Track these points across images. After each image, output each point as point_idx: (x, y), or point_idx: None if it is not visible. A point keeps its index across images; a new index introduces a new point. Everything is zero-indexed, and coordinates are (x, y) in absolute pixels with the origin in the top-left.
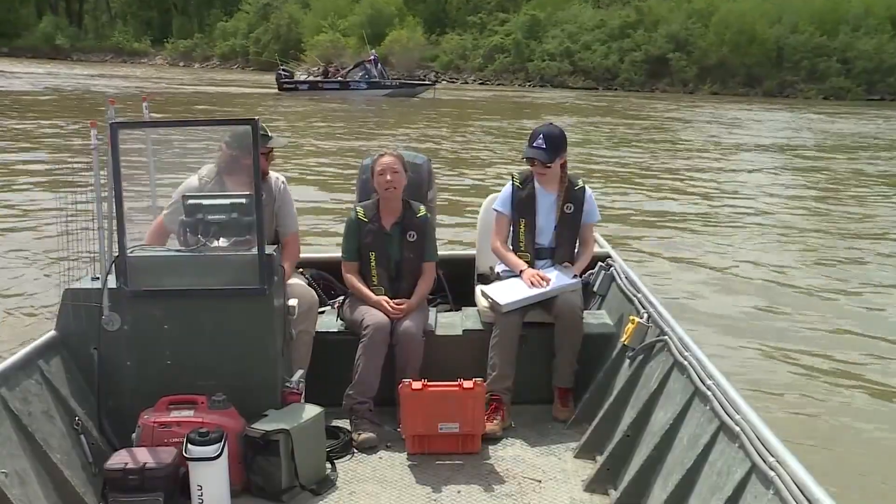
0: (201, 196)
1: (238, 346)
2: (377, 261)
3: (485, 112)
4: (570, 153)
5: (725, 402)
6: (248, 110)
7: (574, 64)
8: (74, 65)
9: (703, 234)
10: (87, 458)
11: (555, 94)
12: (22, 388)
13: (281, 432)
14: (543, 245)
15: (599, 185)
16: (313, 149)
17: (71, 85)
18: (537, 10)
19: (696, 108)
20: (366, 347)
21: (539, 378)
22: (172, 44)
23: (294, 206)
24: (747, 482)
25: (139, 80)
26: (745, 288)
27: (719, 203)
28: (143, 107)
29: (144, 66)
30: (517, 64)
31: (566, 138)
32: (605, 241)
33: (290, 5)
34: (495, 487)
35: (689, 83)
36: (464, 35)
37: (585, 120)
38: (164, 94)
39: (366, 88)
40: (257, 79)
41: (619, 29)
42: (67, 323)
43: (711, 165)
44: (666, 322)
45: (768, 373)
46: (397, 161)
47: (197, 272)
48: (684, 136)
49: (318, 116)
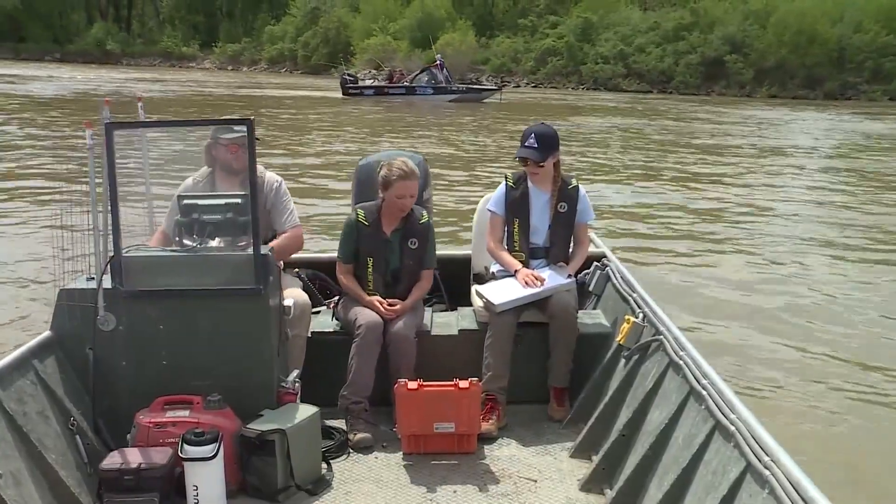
0: (196, 196)
1: (234, 347)
2: (374, 266)
3: (557, 115)
4: (620, 155)
5: (720, 401)
6: (321, 115)
7: (628, 67)
8: (125, 69)
9: (729, 241)
10: (83, 458)
11: (613, 96)
12: (17, 389)
13: (277, 432)
14: (538, 245)
15: (637, 187)
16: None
17: (127, 89)
18: (589, 13)
19: (752, 111)
20: (359, 347)
21: (534, 378)
22: (220, 48)
23: (291, 204)
24: (742, 481)
25: (196, 84)
26: (752, 290)
27: (751, 209)
28: (138, 107)
29: (193, 70)
30: (570, 67)
31: (558, 137)
32: (601, 241)
33: (338, 9)
34: (491, 487)
35: (746, 85)
36: (514, 38)
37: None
38: (225, 98)
39: (432, 93)
40: (311, 82)
41: (673, 31)
42: (62, 323)
43: (754, 170)
44: (661, 322)
45: (764, 372)
46: (416, 185)
47: (192, 272)
48: (732, 140)
49: (387, 120)
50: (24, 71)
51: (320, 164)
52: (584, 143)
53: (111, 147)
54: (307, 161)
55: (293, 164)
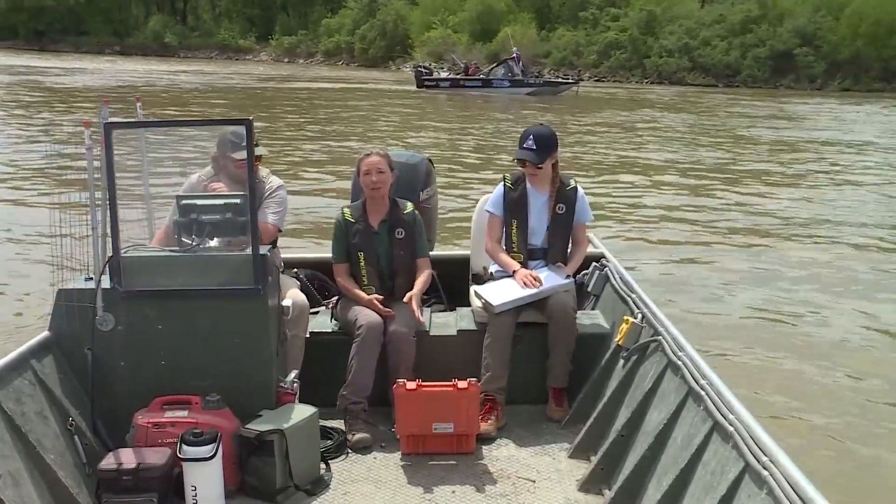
0: (195, 196)
1: (232, 347)
2: (366, 259)
3: (635, 108)
4: (672, 154)
5: (719, 401)
6: (404, 107)
7: (693, 60)
8: (182, 62)
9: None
10: (81, 458)
11: (681, 90)
12: (15, 389)
13: (275, 432)
14: (536, 245)
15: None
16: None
17: (195, 82)
18: (652, 5)
19: (822, 105)
20: (359, 347)
21: (533, 378)
22: (276, 40)
23: (282, 207)
24: (741, 482)
25: (257, 79)
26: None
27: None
28: (136, 107)
29: (250, 63)
30: (634, 60)
31: (556, 139)
32: (599, 241)
33: (396, 2)
34: (489, 487)
35: (817, 79)
36: (575, 31)
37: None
38: (300, 91)
39: (509, 86)
40: (375, 75)
41: (740, 24)
42: (61, 323)
43: (813, 167)
44: (660, 322)
45: (762, 373)
46: (383, 161)
47: (191, 272)
48: (790, 134)
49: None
50: (71, 64)
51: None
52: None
53: (110, 146)
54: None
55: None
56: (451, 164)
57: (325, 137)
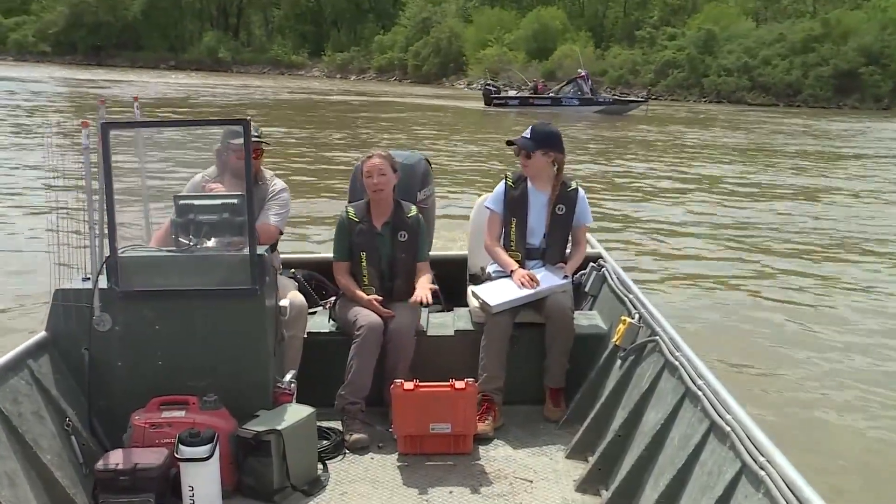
0: (193, 196)
1: (230, 347)
2: (368, 260)
3: (708, 126)
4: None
5: (716, 402)
6: (480, 124)
7: (752, 79)
8: (234, 76)
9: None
10: (78, 458)
11: (740, 109)
12: (12, 389)
13: (272, 433)
14: (534, 245)
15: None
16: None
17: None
18: (709, 24)
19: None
20: (359, 348)
21: (530, 378)
22: (329, 56)
23: (285, 209)
24: (738, 482)
25: (313, 93)
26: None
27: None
28: (134, 107)
29: (304, 78)
30: (692, 79)
31: (559, 139)
32: (597, 241)
33: (450, 19)
34: (487, 488)
35: (884, 98)
36: (632, 49)
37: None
38: (363, 105)
39: (578, 104)
40: (436, 91)
41: (801, 43)
42: (58, 323)
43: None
44: (657, 322)
45: (759, 373)
46: (385, 162)
47: (188, 272)
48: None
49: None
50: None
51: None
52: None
53: (107, 147)
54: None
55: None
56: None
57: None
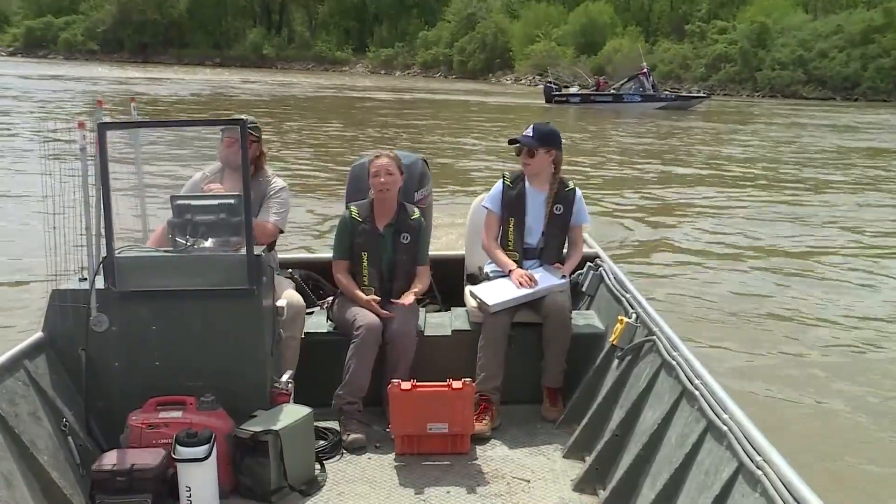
0: (190, 196)
1: (227, 347)
2: (369, 260)
3: (774, 120)
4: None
5: (713, 401)
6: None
7: (808, 73)
8: (278, 73)
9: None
10: (75, 459)
11: (795, 103)
12: (8, 390)
13: (270, 433)
14: (531, 245)
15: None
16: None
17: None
18: (762, 17)
19: None
20: (358, 348)
21: (528, 378)
22: (373, 52)
23: (285, 208)
24: (735, 481)
25: (367, 90)
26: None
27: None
28: (131, 107)
29: (348, 74)
30: (745, 73)
31: (558, 136)
32: (595, 241)
33: (496, 15)
34: (484, 488)
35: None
36: (682, 44)
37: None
38: (423, 102)
39: (640, 101)
40: (477, 87)
41: (860, 34)
42: (55, 324)
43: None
44: (654, 322)
45: (757, 373)
46: (392, 163)
47: (185, 273)
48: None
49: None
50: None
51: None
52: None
53: (104, 147)
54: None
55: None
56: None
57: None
